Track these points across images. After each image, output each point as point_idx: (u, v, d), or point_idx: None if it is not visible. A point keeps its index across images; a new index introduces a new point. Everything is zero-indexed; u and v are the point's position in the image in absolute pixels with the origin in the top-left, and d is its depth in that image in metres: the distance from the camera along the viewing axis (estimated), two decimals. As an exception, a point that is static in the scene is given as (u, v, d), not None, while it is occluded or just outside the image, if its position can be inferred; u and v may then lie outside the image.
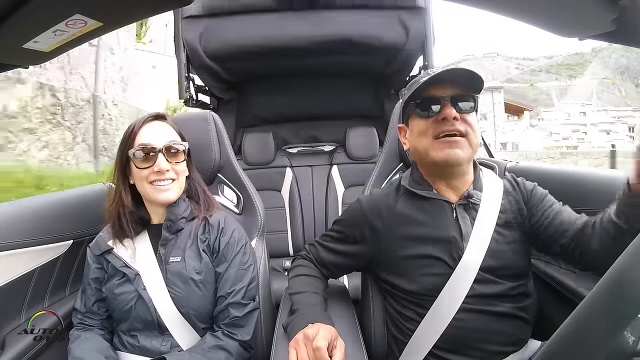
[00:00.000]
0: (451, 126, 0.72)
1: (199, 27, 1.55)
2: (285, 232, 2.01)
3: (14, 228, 0.82)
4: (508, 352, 0.70)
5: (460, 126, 0.72)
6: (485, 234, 0.73)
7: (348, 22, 1.53)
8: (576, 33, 0.56)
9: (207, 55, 1.59)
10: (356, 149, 2.05)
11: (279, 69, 1.78)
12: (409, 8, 1.59)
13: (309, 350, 0.61)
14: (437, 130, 0.73)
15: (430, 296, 0.72)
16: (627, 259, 0.37)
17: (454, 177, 0.77)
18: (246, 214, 1.11)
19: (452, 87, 0.73)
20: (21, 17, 0.47)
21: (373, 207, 0.81)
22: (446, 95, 0.73)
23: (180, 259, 0.83)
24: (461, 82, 0.73)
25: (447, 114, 0.71)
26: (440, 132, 0.73)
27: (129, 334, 0.82)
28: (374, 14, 1.55)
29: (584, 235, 0.69)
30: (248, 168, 1.99)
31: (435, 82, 0.73)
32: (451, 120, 0.72)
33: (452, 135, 0.72)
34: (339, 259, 0.84)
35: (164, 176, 0.81)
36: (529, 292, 0.75)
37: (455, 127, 0.72)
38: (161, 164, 0.80)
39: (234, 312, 0.81)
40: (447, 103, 0.72)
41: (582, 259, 0.70)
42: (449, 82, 0.73)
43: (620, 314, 0.35)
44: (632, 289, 0.35)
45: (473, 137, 0.73)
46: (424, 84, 0.73)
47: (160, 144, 0.82)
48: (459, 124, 0.72)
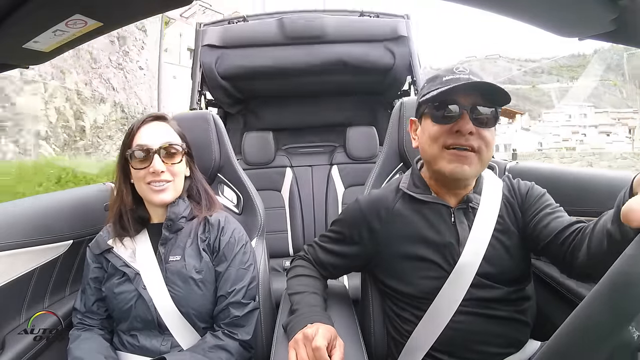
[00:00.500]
0: (465, 141, 0.67)
1: (216, 53, 1.83)
2: (285, 232, 2.01)
3: (14, 228, 0.82)
4: (507, 353, 0.70)
5: (474, 141, 0.67)
6: (482, 239, 0.71)
7: (342, 50, 1.82)
8: (576, 33, 0.56)
9: (220, 76, 1.86)
10: (356, 149, 2.06)
11: (283, 87, 2.04)
12: (393, 38, 1.85)
13: (309, 350, 0.61)
14: (448, 141, 0.68)
15: (427, 299, 0.71)
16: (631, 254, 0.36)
17: (457, 188, 0.75)
18: (246, 214, 1.11)
19: (474, 96, 0.67)
20: (21, 17, 0.47)
21: (372, 208, 0.80)
22: (467, 105, 0.67)
23: (180, 258, 0.83)
24: (486, 93, 0.67)
25: (462, 127, 0.66)
26: (452, 143, 0.68)
27: (129, 334, 0.82)
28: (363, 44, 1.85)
29: (576, 241, 0.63)
30: (248, 168, 1.99)
31: (460, 89, 0.67)
32: (466, 135, 0.67)
33: (463, 149, 0.67)
34: (337, 260, 0.84)
35: (160, 177, 0.81)
36: (528, 295, 0.75)
37: (468, 142, 0.67)
38: (156, 165, 0.80)
39: (234, 312, 0.81)
40: (466, 114, 0.67)
41: (572, 265, 0.63)
42: (473, 91, 0.67)
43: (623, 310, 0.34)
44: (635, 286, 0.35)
45: (485, 153, 0.68)
46: (447, 90, 0.67)
47: (156, 145, 0.82)
48: (473, 138, 0.67)
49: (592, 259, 0.57)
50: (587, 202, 0.85)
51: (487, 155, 0.69)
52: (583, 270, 0.62)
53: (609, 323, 0.35)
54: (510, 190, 0.77)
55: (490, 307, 0.69)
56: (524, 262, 0.74)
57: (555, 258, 0.68)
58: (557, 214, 0.70)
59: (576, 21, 0.53)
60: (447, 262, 0.71)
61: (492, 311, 0.69)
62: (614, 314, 0.35)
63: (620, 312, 0.35)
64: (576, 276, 0.67)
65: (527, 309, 0.73)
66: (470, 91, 0.67)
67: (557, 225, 0.66)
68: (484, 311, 0.69)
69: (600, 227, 0.57)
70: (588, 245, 0.58)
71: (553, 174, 1.02)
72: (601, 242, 0.55)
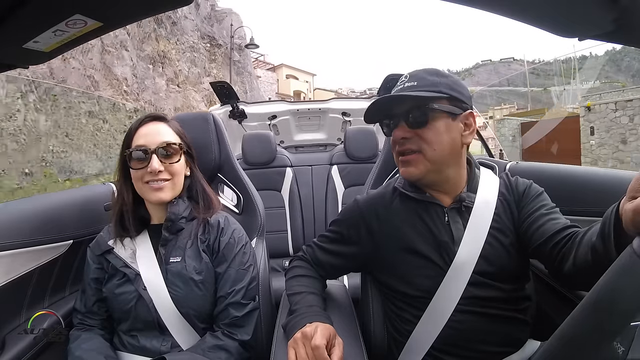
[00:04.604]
0: (400, 146, 0.73)
1: None
2: (285, 232, 2.01)
3: (14, 228, 0.82)
4: (507, 352, 0.70)
5: (412, 144, 0.71)
6: (478, 238, 0.71)
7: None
8: (576, 33, 0.56)
9: None
10: (356, 149, 2.06)
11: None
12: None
13: (308, 349, 0.61)
14: (395, 149, 0.76)
15: (425, 298, 0.71)
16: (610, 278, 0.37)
17: (434, 186, 0.76)
18: (246, 214, 1.11)
19: (408, 102, 0.70)
20: (21, 17, 0.47)
21: (370, 208, 0.81)
22: (400, 113, 0.72)
23: (180, 259, 0.83)
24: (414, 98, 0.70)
25: (395, 135, 0.73)
26: (396, 151, 0.75)
27: (129, 334, 0.82)
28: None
29: (566, 248, 0.62)
30: (248, 168, 1.99)
31: (384, 107, 0.74)
32: (399, 141, 0.73)
33: (406, 154, 0.73)
34: (336, 260, 0.84)
35: (157, 176, 0.82)
36: (527, 294, 0.75)
37: (404, 147, 0.73)
38: (154, 164, 0.81)
39: (234, 312, 0.81)
40: (397, 123, 0.73)
41: (560, 272, 0.62)
42: (399, 100, 0.72)
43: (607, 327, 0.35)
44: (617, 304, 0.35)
45: (430, 152, 0.70)
46: (370, 110, 0.75)
47: (153, 145, 0.82)
48: (410, 142, 0.71)
49: (578, 270, 0.58)
50: (587, 202, 0.84)
51: (432, 152, 0.71)
52: (569, 279, 0.62)
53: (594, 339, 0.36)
54: (507, 188, 0.77)
55: (489, 306, 0.69)
56: (523, 260, 0.74)
57: (545, 262, 0.68)
58: (552, 215, 0.69)
59: (576, 21, 0.53)
60: (444, 261, 0.72)
61: (491, 310, 0.69)
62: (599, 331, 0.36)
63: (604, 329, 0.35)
64: (563, 283, 0.68)
65: (526, 308, 0.73)
66: (398, 101, 0.72)
67: (550, 227, 0.66)
68: (483, 310, 0.69)
69: (586, 240, 0.57)
70: (575, 255, 0.59)
71: (553, 173, 1.01)
72: (586, 255, 0.55)
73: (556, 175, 0.99)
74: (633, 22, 0.47)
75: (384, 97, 0.72)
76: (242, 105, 2.58)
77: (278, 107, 2.70)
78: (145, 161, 0.81)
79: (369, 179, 1.14)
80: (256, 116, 2.64)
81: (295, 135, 2.87)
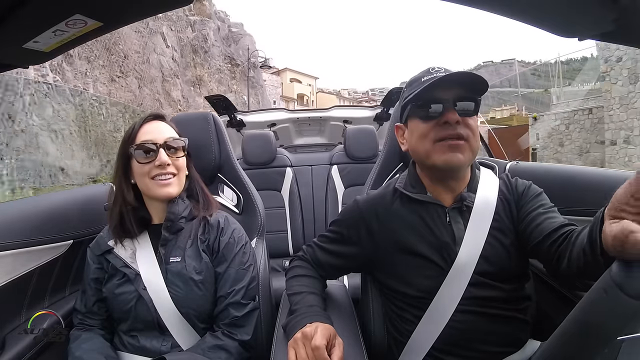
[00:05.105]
0: (453, 130, 0.69)
1: None
2: (285, 232, 2.01)
3: (14, 228, 0.82)
4: (507, 352, 0.70)
5: (462, 130, 0.70)
6: (478, 238, 0.71)
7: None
8: (576, 33, 0.56)
9: None
10: (356, 149, 2.05)
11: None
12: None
13: (308, 350, 0.61)
14: (438, 134, 0.71)
15: (426, 298, 0.71)
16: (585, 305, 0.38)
17: (452, 180, 0.75)
18: (246, 214, 1.11)
19: (455, 89, 0.70)
20: (21, 17, 0.47)
21: (370, 208, 0.80)
22: (449, 98, 0.70)
23: (180, 259, 0.83)
24: (465, 84, 0.70)
25: (449, 117, 0.69)
26: (442, 136, 0.70)
27: (129, 334, 0.82)
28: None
29: (562, 247, 0.62)
30: (248, 168, 1.99)
31: (439, 84, 0.69)
32: (453, 125, 0.69)
33: (454, 139, 0.70)
34: (335, 260, 0.84)
35: (166, 170, 0.82)
36: (527, 293, 0.75)
37: (457, 132, 0.69)
38: (162, 157, 0.82)
39: (233, 312, 0.81)
40: (450, 106, 0.69)
41: (558, 270, 0.63)
42: (452, 83, 0.70)
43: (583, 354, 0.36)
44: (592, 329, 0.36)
45: (474, 141, 0.71)
46: (428, 86, 0.69)
47: (160, 140, 0.84)
48: (460, 127, 0.70)
49: (573, 270, 0.58)
50: (587, 202, 0.84)
51: (476, 143, 0.71)
52: (566, 278, 0.63)
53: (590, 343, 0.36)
54: (507, 188, 0.77)
55: (489, 306, 0.69)
56: (523, 260, 0.74)
57: (543, 260, 0.68)
58: (550, 214, 0.69)
59: (576, 21, 0.53)
60: (445, 261, 0.71)
61: (491, 310, 0.69)
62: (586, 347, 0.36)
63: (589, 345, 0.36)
64: (561, 282, 0.68)
65: (527, 308, 0.73)
66: (450, 85, 0.70)
67: (548, 226, 0.66)
68: (483, 310, 0.69)
69: (579, 241, 0.57)
70: (569, 255, 0.59)
71: (553, 173, 1.01)
72: (579, 257, 0.56)
73: (556, 175, 0.99)
74: (633, 22, 0.47)
75: (455, 73, 0.69)
76: (240, 115, 2.57)
77: (278, 115, 2.67)
78: (153, 155, 0.82)
79: (369, 179, 1.14)
80: (255, 124, 2.66)
81: (295, 139, 2.88)
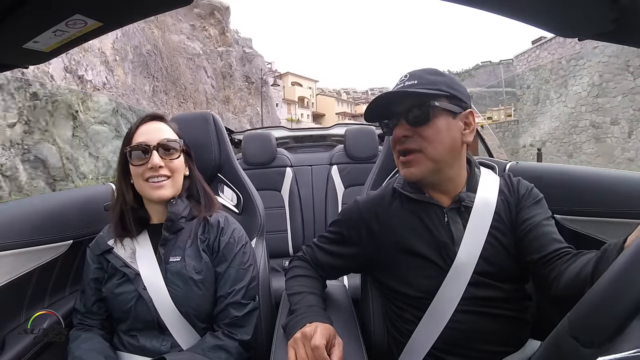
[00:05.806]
0: (401, 145, 0.72)
1: None
2: (285, 232, 2.01)
3: (14, 228, 0.82)
4: (507, 352, 0.70)
5: (412, 143, 0.70)
6: (477, 238, 0.71)
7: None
8: (576, 33, 0.56)
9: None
10: (356, 149, 2.05)
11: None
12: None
13: (308, 350, 0.61)
14: (394, 149, 0.74)
15: (426, 298, 0.71)
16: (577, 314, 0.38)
17: (434, 186, 0.75)
18: (246, 214, 1.11)
19: (408, 101, 0.70)
20: (21, 17, 0.47)
21: (369, 208, 0.80)
22: (399, 111, 0.71)
23: (180, 258, 0.83)
24: (412, 95, 0.69)
25: (395, 134, 0.72)
26: (397, 150, 0.74)
27: (129, 334, 0.82)
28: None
29: (551, 265, 0.63)
30: (248, 168, 1.99)
31: (382, 104, 0.72)
32: (401, 140, 0.71)
33: (404, 155, 0.72)
34: (335, 261, 0.84)
35: (158, 172, 0.82)
36: (527, 293, 0.75)
37: (404, 147, 0.71)
38: (154, 159, 0.82)
39: (233, 312, 0.81)
40: (397, 122, 0.71)
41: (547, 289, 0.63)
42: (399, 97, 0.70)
43: None
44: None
45: (431, 150, 0.69)
46: (370, 108, 0.74)
47: (154, 142, 0.83)
48: (410, 141, 0.70)
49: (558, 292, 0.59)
50: (587, 202, 0.84)
51: (434, 151, 0.70)
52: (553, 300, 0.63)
53: None
54: (509, 188, 0.77)
55: (489, 306, 0.69)
56: None
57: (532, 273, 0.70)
58: (546, 229, 0.69)
59: (576, 21, 0.53)
60: (444, 261, 0.71)
61: (492, 310, 0.69)
62: None
63: None
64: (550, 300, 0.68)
65: (527, 308, 0.73)
66: (399, 98, 0.71)
67: (544, 242, 0.66)
68: (483, 310, 0.69)
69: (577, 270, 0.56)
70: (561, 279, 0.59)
71: (553, 173, 1.01)
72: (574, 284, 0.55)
73: (556, 175, 0.99)
74: (633, 22, 0.47)
75: (385, 94, 0.71)
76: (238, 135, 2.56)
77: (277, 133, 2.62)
78: (146, 157, 0.82)
79: (369, 179, 1.14)
80: None
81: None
